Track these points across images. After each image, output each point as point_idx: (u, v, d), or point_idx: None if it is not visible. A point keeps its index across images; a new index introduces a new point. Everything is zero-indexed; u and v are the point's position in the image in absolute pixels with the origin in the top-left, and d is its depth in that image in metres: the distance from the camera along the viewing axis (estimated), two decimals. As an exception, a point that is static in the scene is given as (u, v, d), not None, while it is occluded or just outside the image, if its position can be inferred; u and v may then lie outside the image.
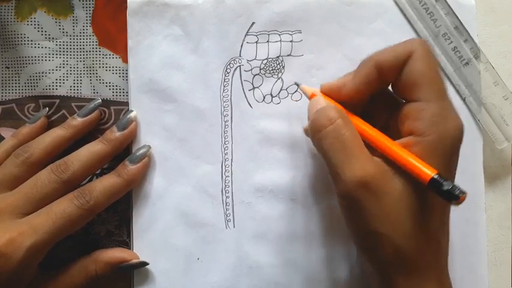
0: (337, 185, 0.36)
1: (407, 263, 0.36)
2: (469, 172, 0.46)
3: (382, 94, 0.40)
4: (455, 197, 0.32)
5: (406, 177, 0.35)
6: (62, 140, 0.44)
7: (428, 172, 0.33)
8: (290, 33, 0.46)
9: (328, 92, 0.40)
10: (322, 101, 0.39)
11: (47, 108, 0.46)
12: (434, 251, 0.37)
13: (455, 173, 0.38)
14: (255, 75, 0.46)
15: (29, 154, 0.42)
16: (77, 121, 0.44)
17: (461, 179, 0.45)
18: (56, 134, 0.44)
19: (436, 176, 0.33)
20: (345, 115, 0.37)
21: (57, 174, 0.41)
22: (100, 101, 0.45)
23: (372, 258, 0.37)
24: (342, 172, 0.35)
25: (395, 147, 0.35)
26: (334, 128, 0.36)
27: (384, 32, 0.46)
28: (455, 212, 0.45)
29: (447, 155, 0.35)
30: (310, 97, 0.41)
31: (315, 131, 0.37)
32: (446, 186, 0.32)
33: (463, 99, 0.46)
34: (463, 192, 0.32)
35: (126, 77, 0.46)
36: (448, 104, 0.36)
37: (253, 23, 0.45)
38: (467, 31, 0.45)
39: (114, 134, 0.44)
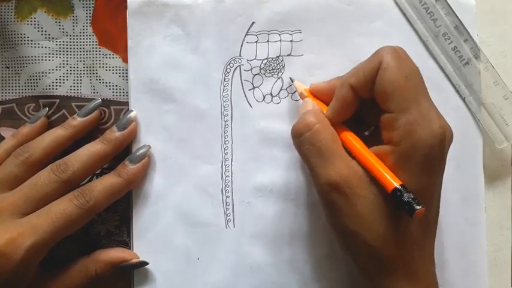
0: (315, 187, 0.39)
1: (384, 264, 0.37)
2: (469, 172, 0.46)
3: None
4: (413, 209, 0.33)
5: None
6: (62, 139, 0.44)
7: (392, 182, 0.35)
8: (290, 33, 0.46)
9: (316, 93, 0.43)
10: (310, 104, 0.41)
11: (47, 108, 0.46)
12: (417, 256, 0.37)
13: (439, 179, 0.38)
14: (255, 75, 0.46)
15: (29, 154, 0.42)
16: (77, 121, 0.44)
17: (461, 179, 0.46)
18: (56, 133, 0.44)
19: (398, 187, 0.34)
20: (325, 120, 0.39)
21: (57, 174, 0.41)
22: (100, 100, 0.45)
23: (351, 255, 0.39)
24: (317, 175, 0.38)
25: (367, 155, 0.37)
26: (310, 135, 0.38)
27: (384, 32, 0.46)
28: (456, 212, 0.46)
29: (422, 163, 0.35)
30: (300, 95, 0.43)
31: (294, 137, 0.40)
32: (406, 198, 0.34)
33: (463, 99, 0.46)
34: (420, 206, 0.33)
35: (126, 76, 0.46)
36: (423, 110, 0.36)
37: (253, 23, 0.45)
38: (467, 31, 0.45)
39: (114, 134, 0.44)
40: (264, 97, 0.46)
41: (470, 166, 0.46)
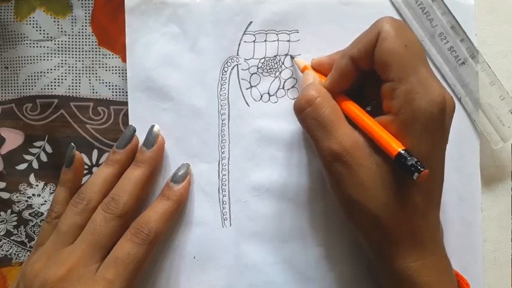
0: (320, 159, 0.39)
1: (388, 233, 0.37)
2: (465, 172, 0.46)
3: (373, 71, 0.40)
4: (418, 171, 0.33)
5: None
6: (111, 178, 0.43)
7: (395, 147, 0.35)
8: (288, 32, 0.46)
9: (317, 67, 0.43)
10: (311, 76, 0.42)
11: (74, 145, 0.44)
12: (421, 225, 0.38)
13: (441, 148, 0.38)
14: (252, 74, 0.46)
15: (86, 201, 0.42)
16: (119, 154, 0.44)
17: (458, 179, 0.46)
18: (104, 173, 0.43)
19: (402, 151, 0.34)
20: (325, 93, 0.40)
21: (110, 211, 0.41)
22: (134, 127, 0.45)
23: (356, 225, 0.39)
24: (320, 148, 0.38)
25: (371, 123, 0.37)
26: (312, 109, 0.39)
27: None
28: (452, 212, 0.46)
29: (422, 131, 0.36)
30: (302, 70, 0.44)
31: (297, 112, 0.40)
32: (410, 161, 0.34)
33: (459, 99, 0.46)
34: (424, 168, 0.34)
35: (126, 76, 0.46)
36: (422, 79, 0.36)
37: (250, 22, 0.46)
38: (463, 30, 0.45)
39: (146, 153, 0.44)
40: (262, 96, 0.46)
41: (466, 166, 0.46)
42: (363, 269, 0.45)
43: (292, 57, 0.46)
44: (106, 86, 0.47)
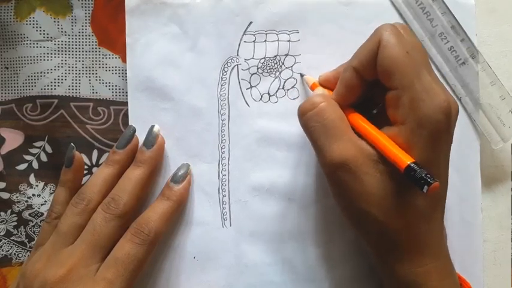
0: (321, 166, 0.39)
1: (394, 239, 0.37)
2: (466, 172, 0.46)
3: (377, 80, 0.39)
4: (427, 183, 0.33)
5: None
6: (111, 178, 0.43)
7: (404, 160, 0.34)
8: (288, 32, 0.46)
9: (325, 83, 0.43)
10: (320, 90, 0.42)
11: (73, 145, 0.44)
12: (425, 230, 0.37)
13: (446, 152, 0.38)
14: (252, 74, 0.46)
15: (86, 201, 0.42)
16: (119, 155, 0.44)
17: (458, 179, 0.46)
18: (104, 173, 0.43)
19: (411, 164, 0.34)
20: (332, 101, 0.39)
21: (110, 212, 0.41)
22: (134, 127, 0.45)
23: (361, 233, 0.39)
24: (323, 154, 0.37)
25: (378, 135, 0.36)
26: (316, 112, 0.38)
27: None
28: (453, 212, 0.46)
29: (429, 138, 0.35)
30: (311, 87, 0.43)
31: (300, 115, 0.39)
32: (420, 174, 0.33)
33: (459, 99, 0.46)
34: (435, 181, 0.33)
35: (126, 77, 0.46)
36: (426, 85, 0.35)
37: (250, 22, 0.46)
38: (463, 30, 0.45)
39: (146, 154, 0.44)
40: (262, 96, 0.46)
41: (467, 167, 0.46)
42: (363, 269, 0.45)
43: (302, 76, 0.45)
44: (106, 86, 0.47)
